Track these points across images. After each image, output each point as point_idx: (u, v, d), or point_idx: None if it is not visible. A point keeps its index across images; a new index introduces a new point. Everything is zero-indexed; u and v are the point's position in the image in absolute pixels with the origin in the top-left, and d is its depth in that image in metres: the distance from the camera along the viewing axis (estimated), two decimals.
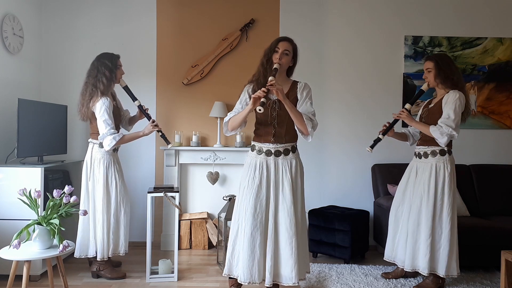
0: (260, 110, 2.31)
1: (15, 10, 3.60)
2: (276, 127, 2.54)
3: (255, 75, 2.62)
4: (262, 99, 2.32)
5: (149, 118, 3.16)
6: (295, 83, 2.65)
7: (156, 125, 3.08)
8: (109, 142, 2.98)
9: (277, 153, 2.54)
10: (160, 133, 3.13)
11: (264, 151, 2.55)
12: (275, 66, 2.48)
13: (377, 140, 3.02)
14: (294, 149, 2.61)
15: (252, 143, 2.63)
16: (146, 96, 4.08)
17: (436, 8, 4.12)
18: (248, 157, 2.63)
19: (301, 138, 2.68)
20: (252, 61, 2.67)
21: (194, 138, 4.02)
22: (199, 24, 4.14)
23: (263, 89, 2.34)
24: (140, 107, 3.19)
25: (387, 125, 3.05)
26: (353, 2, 4.13)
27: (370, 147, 3.01)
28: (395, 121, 3.03)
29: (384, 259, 3.13)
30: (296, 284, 2.47)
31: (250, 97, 2.54)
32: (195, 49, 4.13)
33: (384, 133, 3.03)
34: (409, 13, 4.12)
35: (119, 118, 3.24)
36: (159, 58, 4.13)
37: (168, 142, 3.13)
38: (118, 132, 3.06)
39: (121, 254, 3.13)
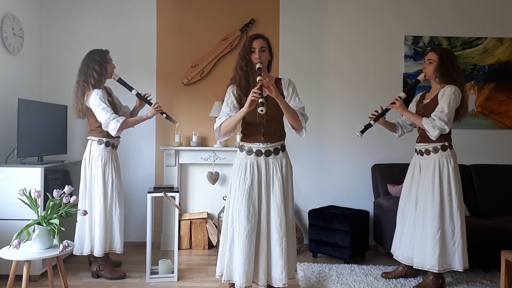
0: (262, 111, 2.25)
1: (15, 10, 3.60)
2: (265, 126, 2.50)
3: (234, 79, 2.56)
4: (261, 100, 2.28)
5: (150, 103, 3.16)
6: (278, 79, 2.61)
7: (159, 107, 3.10)
8: (114, 125, 2.96)
9: (268, 153, 2.51)
10: (164, 115, 3.15)
11: (254, 151, 2.51)
12: (258, 66, 2.44)
13: (368, 126, 3.02)
14: (283, 148, 2.58)
15: (241, 143, 2.59)
16: None
17: (436, 8, 4.12)
18: (237, 158, 2.58)
19: (294, 136, 2.66)
20: None
21: (194, 138, 4.02)
22: (199, 24, 4.14)
23: (255, 89, 2.30)
24: (138, 95, 3.20)
25: (379, 111, 3.05)
26: (353, 2, 4.13)
27: (361, 132, 3.00)
28: (387, 109, 3.03)
29: (394, 256, 3.09)
30: (286, 285, 2.45)
31: (236, 99, 2.51)
32: (195, 49, 4.13)
33: (376, 119, 3.02)
34: (409, 13, 4.12)
35: (116, 113, 3.20)
36: (159, 58, 4.13)
37: (174, 122, 3.13)
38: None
39: (117, 252, 3.13)
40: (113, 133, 2.99)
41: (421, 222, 2.89)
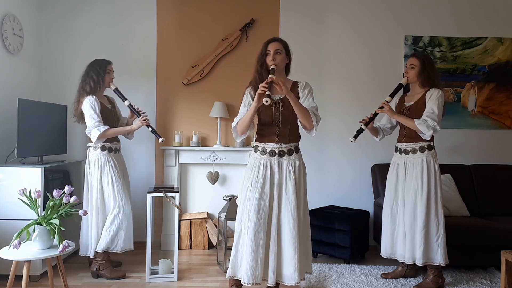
0: (267, 102, 2.29)
1: (15, 10, 3.61)
2: (280, 127, 2.54)
3: (251, 82, 2.64)
4: (267, 92, 2.32)
5: (138, 115, 3.21)
6: (295, 83, 2.67)
7: (145, 120, 3.16)
8: (94, 133, 3.04)
9: (281, 154, 2.54)
10: (150, 129, 3.20)
11: (268, 151, 2.55)
12: (272, 67, 2.50)
13: (360, 131, 3.12)
14: (297, 150, 2.62)
15: (255, 143, 2.63)
16: (146, 97, 4.08)
17: (436, 8, 4.11)
18: (251, 157, 2.63)
19: (303, 136, 2.67)
20: (252, 61, 2.67)
21: (194, 138, 4.02)
22: (199, 24, 4.14)
23: (263, 84, 2.35)
24: (130, 106, 3.25)
25: (370, 116, 3.14)
26: (354, 2, 4.13)
27: (354, 137, 3.09)
28: (377, 113, 3.12)
29: (382, 255, 3.12)
30: (298, 284, 2.48)
31: (252, 99, 2.55)
32: (195, 49, 4.13)
33: (367, 124, 3.12)
34: (409, 13, 4.12)
35: (112, 122, 3.25)
36: (159, 58, 4.13)
37: (159, 137, 3.18)
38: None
39: (114, 251, 3.12)
40: (93, 140, 3.08)
41: (412, 218, 2.94)
